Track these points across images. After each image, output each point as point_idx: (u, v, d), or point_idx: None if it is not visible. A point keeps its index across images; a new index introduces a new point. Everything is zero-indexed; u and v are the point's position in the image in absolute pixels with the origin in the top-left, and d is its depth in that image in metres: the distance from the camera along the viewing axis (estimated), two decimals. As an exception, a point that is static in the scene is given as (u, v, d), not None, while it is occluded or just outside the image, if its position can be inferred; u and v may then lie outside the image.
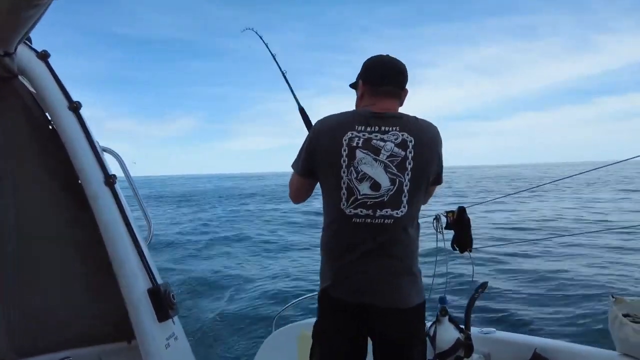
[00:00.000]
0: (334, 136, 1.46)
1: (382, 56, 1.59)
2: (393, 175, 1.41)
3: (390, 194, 1.40)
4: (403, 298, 1.44)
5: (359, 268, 1.43)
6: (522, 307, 5.18)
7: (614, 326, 1.68)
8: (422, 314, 1.52)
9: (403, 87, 1.59)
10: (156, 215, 20.98)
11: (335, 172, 1.43)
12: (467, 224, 2.02)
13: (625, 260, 7.71)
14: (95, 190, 1.51)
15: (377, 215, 1.40)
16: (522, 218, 14.53)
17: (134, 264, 1.51)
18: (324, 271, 1.53)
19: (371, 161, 1.41)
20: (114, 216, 1.51)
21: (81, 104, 1.55)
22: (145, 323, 1.46)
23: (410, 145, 1.42)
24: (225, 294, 7.13)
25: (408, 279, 1.46)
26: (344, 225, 1.44)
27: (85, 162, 1.51)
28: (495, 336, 2.09)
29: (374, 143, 1.43)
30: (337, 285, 1.47)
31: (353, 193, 1.41)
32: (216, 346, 5.02)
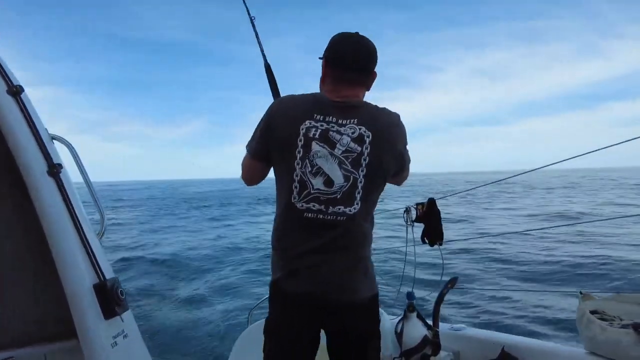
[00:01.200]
0: (291, 123, 1.40)
1: (351, 36, 1.48)
2: (347, 172, 1.36)
3: (343, 191, 1.35)
4: (355, 291, 1.41)
5: (309, 262, 1.38)
6: (492, 303, 5.18)
7: (582, 324, 1.63)
8: (375, 307, 1.48)
9: (370, 70, 1.49)
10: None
11: (288, 162, 1.38)
12: (437, 216, 1.97)
13: (597, 255, 7.74)
14: (36, 180, 1.41)
15: (329, 211, 1.35)
16: (492, 214, 14.68)
17: (78, 258, 1.42)
18: (274, 263, 1.48)
19: (327, 155, 1.36)
20: (57, 208, 1.43)
21: (22, 87, 1.45)
22: (89, 320, 1.38)
23: (367, 140, 1.36)
24: (200, 287, 7.09)
25: (360, 272, 1.42)
26: (295, 219, 1.39)
27: (25, 150, 1.42)
28: (465, 333, 2.05)
29: (330, 135, 1.38)
30: (288, 278, 1.42)
31: (306, 187, 1.36)
32: (189, 343, 4.96)
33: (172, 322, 5.67)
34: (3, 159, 1.47)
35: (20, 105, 1.44)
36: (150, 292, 7.26)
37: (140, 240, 14.70)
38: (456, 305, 4.95)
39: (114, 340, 1.44)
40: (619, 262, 7.17)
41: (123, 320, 1.50)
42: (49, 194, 1.42)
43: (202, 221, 21.36)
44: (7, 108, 1.42)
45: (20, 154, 1.41)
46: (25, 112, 1.45)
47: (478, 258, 7.85)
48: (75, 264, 1.41)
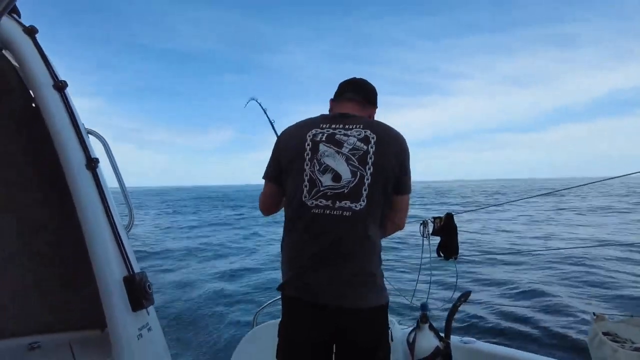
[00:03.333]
0: (298, 135, 1.51)
1: (348, 78, 1.70)
2: (354, 167, 1.42)
3: (350, 186, 1.40)
4: (360, 299, 1.41)
5: (316, 267, 1.41)
6: (504, 319, 5.17)
7: (593, 344, 1.66)
8: (382, 316, 1.48)
9: (368, 98, 1.65)
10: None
11: (299, 165, 1.46)
12: (454, 230, 2.01)
13: (616, 278, 7.74)
14: (75, 172, 1.46)
15: (335, 206, 1.39)
16: (511, 230, 14.62)
17: (110, 251, 1.47)
18: (283, 266, 1.53)
19: (333, 154, 1.43)
20: (92, 201, 1.47)
21: (67, 83, 1.50)
22: (118, 311, 1.42)
23: (372, 141, 1.44)
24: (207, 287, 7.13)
25: (365, 278, 1.42)
26: (305, 218, 1.43)
27: (66, 143, 1.47)
28: (475, 346, 2.08)
29: (337, 137, 1.46)
30: (296, 284, 1.46)
31: (315, 185, 1.42)
32: (195, 340, 4.99)
33: (178, 316, 5.73)
34: (45, 151, 1.52)
35: (64, 100, 1.50)
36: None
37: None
38: (468, 319, 4.96)
39: (139, 332, 1.48)
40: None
41: (149, 313, 1.54)
42: (87, 188, 1.47)
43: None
44: (53, 102, 1.47)
45: (62, 146, 1.46)
46: (68, 106, 1.50)
47: (495, 273, 7.85)
48: (106, 256, 1.46)
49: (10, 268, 1.51)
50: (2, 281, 1.53)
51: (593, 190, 44.42)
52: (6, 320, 1.53)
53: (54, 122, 1.47)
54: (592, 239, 12.81)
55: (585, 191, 41.71)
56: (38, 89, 1.47)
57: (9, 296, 1.55)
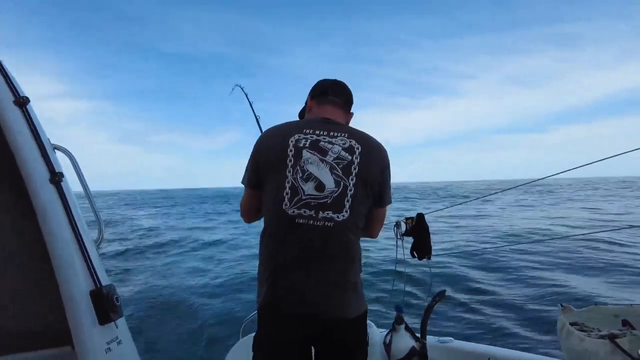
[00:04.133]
0: (280, 139, 1.45)
1: (328, 78, 1.68)
2: (338, 177, 1.39)
3: (334, 196, 1.37)
4: (343, 309, 1.39)
5: (298, 277, 1.37)
6: (480, 317, 5.22)
7: (562, 335, 1.69)
8: (363, 322, 1.47)
9: (348, 102, 1.64)
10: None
11: (280, 171, 1.40)
12: (426, 231, 2.03)
13: (580, 269, 7.91)
14: (38, 188, 1.45)
15: (319, 217, 1.36)
16: (483, 226, 14.81)
17: (76, 265, 1.46)
18: (261, 277, 1.47)
19: (317, 161, 1.39)
20: (57, 215, 1.46)
21: (29, 98, 1.50)
22: (84, 326, 1.41)
23: (357, 151, 1.42)
24: (195, 301, 7.04)
25: (348, 289, 1.41)
26: (285, 228, 1.39)
27: (29, 158, 1.46)
28: (452, 345, 2.09)
29: (321, 145, 1.42)
30: (275, 295, 1.40)
31: (297, 193, 1.37)
32: (181, 354, 4.91)
33: (162, 329, 5.62)
34: (7, 167, 1.52)
35: (26, 115, 1.50)
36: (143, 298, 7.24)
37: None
38: (444, 318, 4.98)
39: (107, 346, 1.46)
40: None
41: (117, 326, 1.53)
42: (50, 202, 1.46)
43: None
44: (13, 118, 1.47)
45: (23, 162, 1.46)
46: (30, 122, 1.50)
47: (468, 271, 7.92)
48: (73, 270, 1.44)
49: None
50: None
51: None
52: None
53: (16, 138, 1.46)
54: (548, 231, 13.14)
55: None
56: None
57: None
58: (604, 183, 68.15)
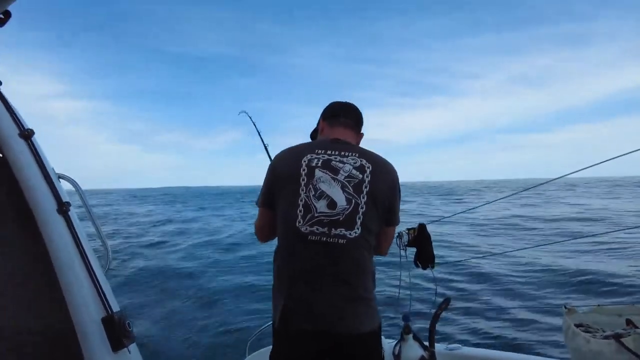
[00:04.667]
0: (293, 160, 1.50)
1: (339, 101, 1.73)
2: (350, 195, 1.42)
3: (345, 214, 1.40)
4: (356, 325, 1.41)
5: (310, 292, 1.40)
6: (486, 322, 5.24)
7: (567, 336, 1.72)
8: (376, 339, 1.49)
9: (358, 123, 1.69)
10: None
11: (293, 190, 1.44)
12: (428, 240, 2.06)
13: (584, 269, 7.96)
14: (46, 218, 1.47)
15: (332, 234, 1.39)
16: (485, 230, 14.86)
17: (87, 293, 1.47)
18: (276, 293, 1.50)
19: (329, 180, 1.43)
20: (66, 244, 1.48)
21: (33, 131, 1.53)
22: (98, 353, 1.42)
23: (368, 170, 1.46)
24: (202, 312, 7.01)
25: (361, 304, 1.43)
26: (299, 244, 1.42)
27: (36, 189, 1.48)
28: (460, 352, 2.11)
29: (333, 164, 1.46)
30: (290, 311, 1.43)
31: (310, 210, 1.41)
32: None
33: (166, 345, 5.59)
34: (14, 199, 1.54)
35: (31, 147, 1.52)
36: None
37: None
38: (451, 325, 5.00)
39: None
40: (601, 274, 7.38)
41: (130, 352, 1.54)
42: (59, 232, 1.48)
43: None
44: (20, 151, 1.49)
45: (31, 193, 1.48)
46: (36, 153, 1.53)
47: (472, 277, 7.96)
48: (83, 299, 1.46)
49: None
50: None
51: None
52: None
53: (22, 171, 1.48)
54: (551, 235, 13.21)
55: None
56: (4, 138, 1.49)
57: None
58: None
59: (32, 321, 1.60)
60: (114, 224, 20.68)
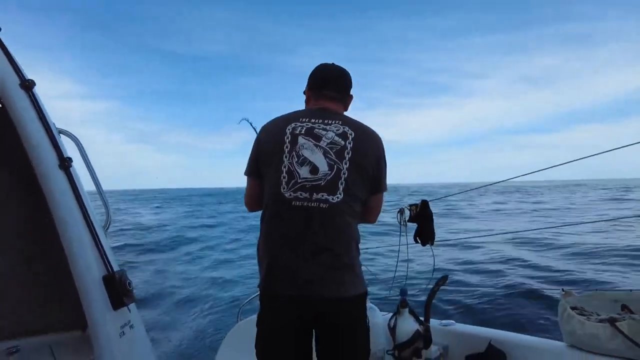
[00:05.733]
0: (278, 129, 1.53)
1: (325, 64, 1.68)
2: (332, 161, 1.44)
3: (327, 179, 1.42)
4: (336, 289, 1.42)
5: (295, 259, 1.41)
6: (481, 300, 5.37)
7: (563, 319, 1.75)
8: (360, 304, 1.50)
9: (345, 91, 1.67)
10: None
11: (277, 158, 1.47)
12: (430, 217, 2.06)
13: (579, 255, 8.12)
14: (47, 173, 1.44)
15: (313, 198, 1.41)
16: (482, 211, 15.02)
17: (88, 251, 1.46)
18: (261, 260, 1.52)
19: (312, 147, 1.46)
20: (67, 200, 1.45)
21: (34, 82, 1.47)
22: (98, 310, 1.42)
23: (350, 137, 1.48)
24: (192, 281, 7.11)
25: (344, 271, 1.44)
26: (283, 210, 1.44)
27: (37, 143, 1.44)
28: (453, 328, 2.15)
29: (316, 131, 1.49)
30: (275, 278, 1.45)
31: (293, 176, 1.44)
32: (177, 335, 4.97)
33: (158, 314, 5.68)
34: (14, 152, 1.49)
35: (32, 99, 1.47)
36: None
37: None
38: (447, 302, 5.11)
39: (121, 330, 1.48)
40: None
41: (130, 310, 1.54)
42: (60, 188, 1.45)
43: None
44: (20, 101, 1.44)
45: (32, 147, 1.43)
46: (37, 106, 1.47)
47: (470, 257, 8.10)
48: (85, 256, 1.45)
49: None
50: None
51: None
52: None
53: (23, 122, 1.43)
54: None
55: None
56: (4, 88, 1.43)
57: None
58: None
59: (31, 276, 1.60)
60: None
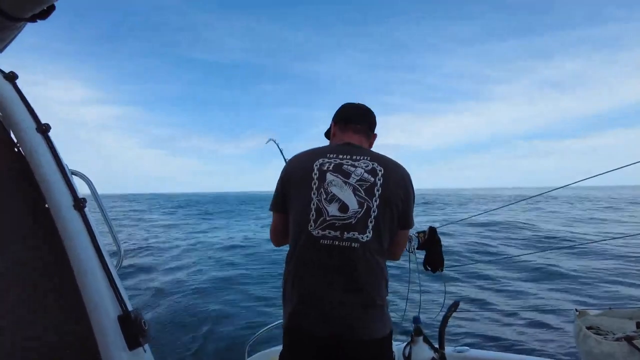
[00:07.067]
0: (305, 164, 1.50)
1: (352, 103, 1.73)
2: (361, 198, 1.41)
3: (357, 217, 1.40)
4: (368, 330, 1.39)
5: (322, 297, 1.39)
6: (494, 325, 5.29)
7: (579, 339, 1.74)
8: (387, 345, 1.47)
9: (370, 127, 1.69)
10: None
11: (305, 194, 1.44)
12: (438, 243, 2.08)
13: (593, 274, 8.10)
14: (63, 214, 1.46)
15: (344, 237, 1.38)
16: (494, 237, 14.97)
17: (103, 291, 1.45)
18: (286, 297, 1.49)
19: (341, 183, 1.43)
20: (83, 241, 1.46)
21: (50, 126, 1.51)
22: (115, 351, 1.40)
23: (380, 173, 1.46)
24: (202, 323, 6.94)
25: (374, 310, 1.42)
26: (311, 248, 1.41)
27: (54, 185, 1.46)
28: (468, 354, 2.12)
29: (344, 168, 1.46)
30: (301, 315, 1.42)
31: (322, 214, 1.41)
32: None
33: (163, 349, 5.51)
34: (31, 194, 1.51)
35: (48, 142, 1.50)
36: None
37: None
38: (460, 328, 5.02)
39: None
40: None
41: (145, 351, 1.52)
42: (76, 228, 1.46)
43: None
44: (38, 145, 1.48)
45: (49, 189, 1.46)
46: (52, 148, 1.51)
47: (480, 281, 8.03)
48: (100, 296, 1.44)
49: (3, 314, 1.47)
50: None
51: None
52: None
53: (40, 165, 1.47)
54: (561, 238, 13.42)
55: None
56: (21, 133, 1.47)
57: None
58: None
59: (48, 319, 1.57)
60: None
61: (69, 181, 1.52)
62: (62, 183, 1.49)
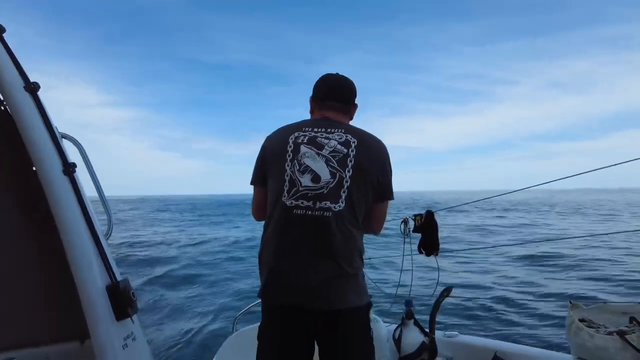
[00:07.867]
0: (281, 138, 1.53)
1: (329, 74, 1.68)
2: (334, 169, 1.43)
3: (329, 187, 1.41)
4: (340, 298, 1.40)
5: (295, 268, 1.40)
6: (485, 311, 5.37)
7: (571, 331, 1.74)
8: (363, 316, 1.48)
9: (349, 101, 1.67)
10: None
11: (280, 166, 1.47)
12: (435, 228, 2.06)
13: (587, 267, 8.22)
14: (51, 178, 1.40)
15: (316, 207, 1.40)
16: (488, 224, 15.13)
17: (92, 259, 1.41)
18: (262, 269, 1.50)
19: (314, 155, 1.45)
20: (71, 207, 1.41)
21: (39, 85, 1.44)
22: (102, 321, 1.37)
23: (353, 145, 1.47)
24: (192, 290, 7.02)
25: (347, 279, 1.42)
26: (285, 218, 1.43)
27: (42, 148, 1.40)
28: (458, 340, 2.13)
29: (318, 140, 1.49)
30: (275, 286, 1.44)
31: (295, 184, 1.43)
32: (173, 344, 4.87)
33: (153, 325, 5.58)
34: (18, 156, 1.45)
35: (37, 102, 1.43)
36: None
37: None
38: (451, 313, 5.10)
39: (124, 342, 1.43)
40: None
41: (133, 322, 1.49)
42: (64, 194, 1.41)
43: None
44: (25, 104, 1.40)
45: (37, 151, 1.39)
46: (41, 109, 1.44)
47: (474, 268, 8.13)
48: (89, 265, 1.40)
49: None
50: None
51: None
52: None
53: (27, 125, 1.39)
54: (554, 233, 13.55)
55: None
56: (8, 91, 1.39)
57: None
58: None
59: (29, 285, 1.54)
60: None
61: (59, 144, 1.45)
62: (51, 146, 1.42)
